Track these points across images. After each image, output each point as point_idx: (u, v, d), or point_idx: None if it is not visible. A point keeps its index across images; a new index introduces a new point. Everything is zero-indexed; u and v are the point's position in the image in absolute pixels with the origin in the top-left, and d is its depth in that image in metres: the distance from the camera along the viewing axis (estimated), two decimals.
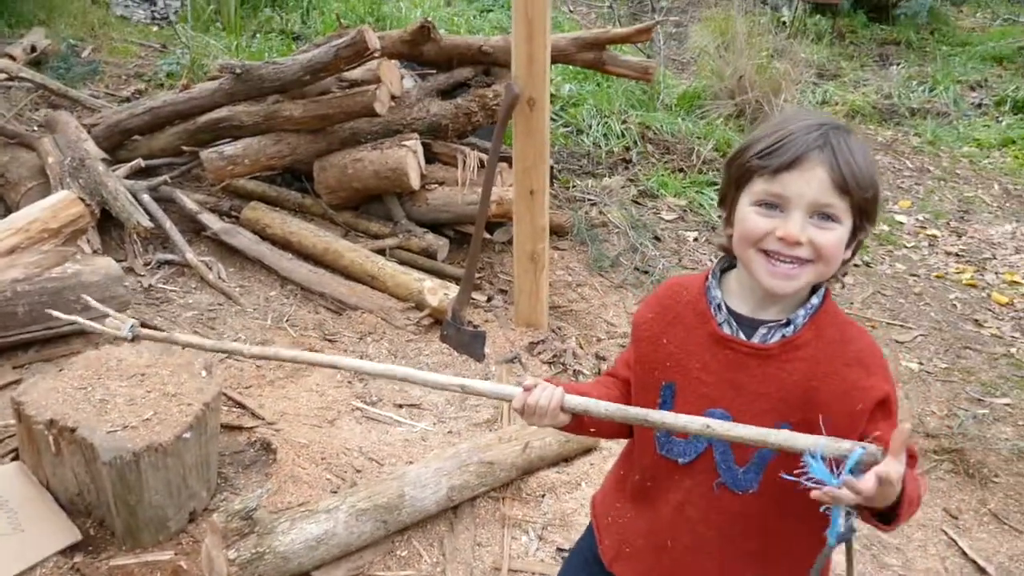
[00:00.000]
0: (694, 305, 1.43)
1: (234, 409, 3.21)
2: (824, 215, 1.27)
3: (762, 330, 1.36)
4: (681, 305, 1.45)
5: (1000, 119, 7.99)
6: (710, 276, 1.44)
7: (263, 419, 3.16)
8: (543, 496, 2.94)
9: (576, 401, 1.41)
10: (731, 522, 1.40)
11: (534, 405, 1.39)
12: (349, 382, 3.50)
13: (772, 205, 1.30)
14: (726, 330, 1.38)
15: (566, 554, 2.62)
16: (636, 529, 1.54)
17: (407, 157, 4.17)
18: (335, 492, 2.84)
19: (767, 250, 1.30)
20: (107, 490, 2.43)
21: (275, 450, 2.98)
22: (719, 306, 1.40)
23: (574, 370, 3.77)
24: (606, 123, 6.37)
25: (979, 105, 8.38)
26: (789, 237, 1.27)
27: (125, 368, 2.71)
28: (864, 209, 1.29)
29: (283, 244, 4.24)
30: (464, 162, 4.36)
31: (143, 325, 3.60)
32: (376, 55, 3.98)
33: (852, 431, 1.31)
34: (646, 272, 4.76)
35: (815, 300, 1.36)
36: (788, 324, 1.35)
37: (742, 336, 1.37)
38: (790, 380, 1.33)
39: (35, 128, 4.76)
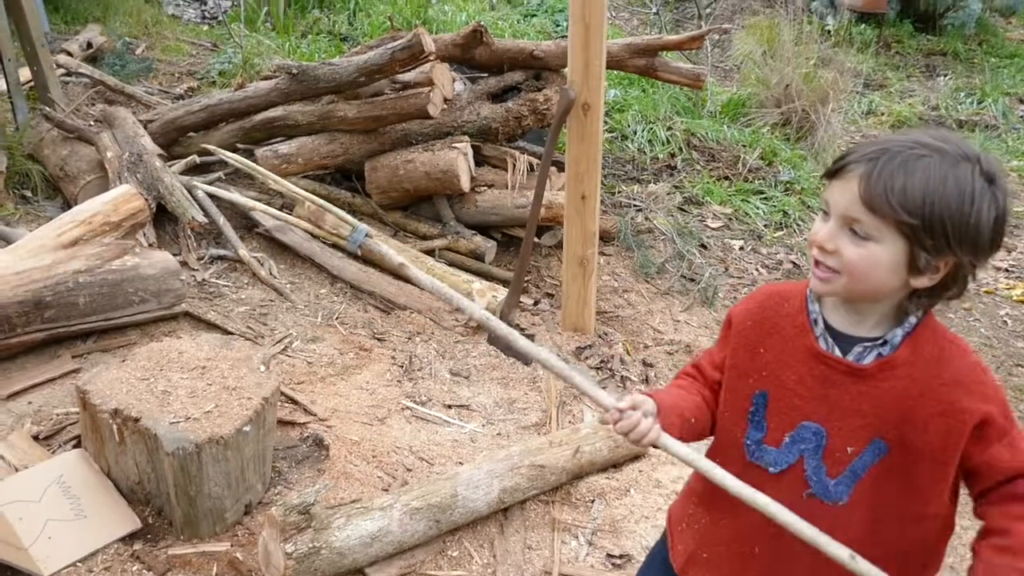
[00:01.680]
0: (794, 317, 1.43)
1: (287, 404, 3.24)
2: (855, 230, 1.27)
3: (858, 348, 1.36)
4: (781, 316, 1.45)
5: None
6: (809, 289, 1.44)
7: (315, 415, 3.19)
8: (592, 501, 2.94)
9: (670, 445, 1.41)
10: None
11: (625, 431, 1.40)
12: (399, 381, 3.52)
13: (825, 211, 1.32)
14: (822, 345, 1.38)
15: (616, 560, 2.62)
16: (716, 536, 1.53)
17: (458, 159, 4.19)
18: (386, 490, 2.86)
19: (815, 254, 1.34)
20: (168, 480, 2.47)
21: (328, 446, 3.01)
22: (816, 320, 1.40)
23: (621, 376, 3.77)
24: (651, 129, 6.35)
25: None
26: (814, 241, 1.31)
27: (186, 361, 2.75)
28: (918, 236, 1.23)
29: (333, 243, 4.28)
30: (514, 165, 4.38)
31: (193, 317, 3.68)
32: (431, 58, 4.01)
33: (951, 452, 1.31)
34: (692, 280, 4.74)
35: (912, 319, 1.34)
36: (884, 343, 1.34)
37: (838, 353, 1.37)
38: (886, 399, 1.33)
39: (92, 123, 4.85)
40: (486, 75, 4.66)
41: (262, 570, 2.43)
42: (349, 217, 2.33)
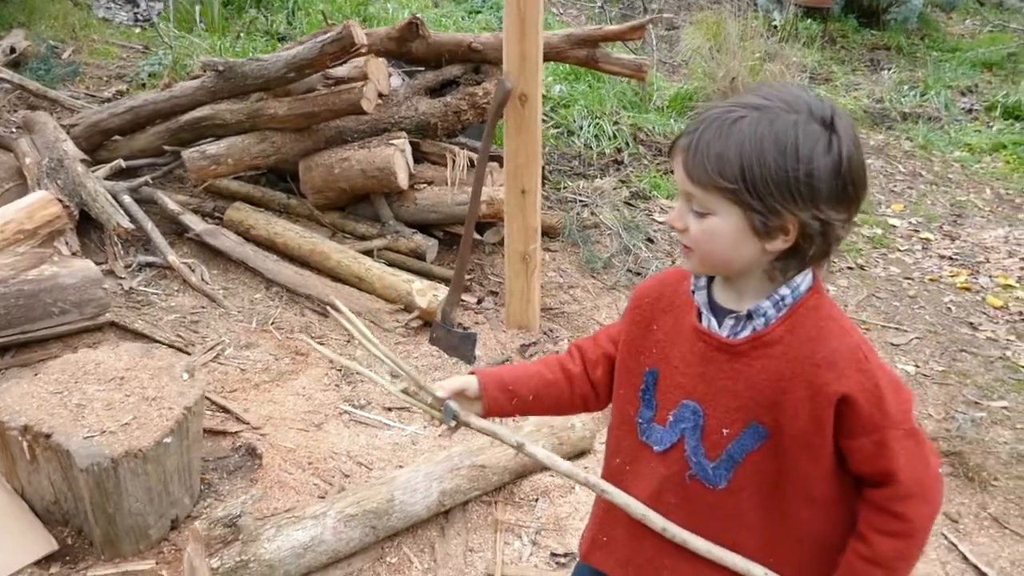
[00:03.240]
0: (687, 295, 1.39)
1: (218, 414, 3.11)
2: (694, 207, 1.24)
3: (729, 321, 1.32)
4: (677, 294, 1.42)
5: (991, 124, 7.98)
6: None
7: (248, 424, 3.06)
8: (536, 500, 2.86)
9: (476, 423, 1.44)
10: (706, 514, 1.36)
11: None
12: (336, 385, 3.41)
13: None
14: (703, 323, 1.35)
15: (561, 559, 2.54)
16: (613, 518, 1.49)
17: (395, 156, 4.08)
18: (323, 497, 2.75)
19: None
20: (84, 498, 2.33)
21: (260, 455, 2.89)
22: (701, 297, 1.36)
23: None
24: (597, 124, 6.29)
25: (970, 110, 8.36)
26: (669, 223, 1.37)
27: (103, 372, 2.61)
28: (744, 200, 1.18)
29: (268, 245, 4.15)
30: (453, 161, 4.28)
31: (119, 327, 3.52)
32: (363, 51, 3.90)
33: (821, 441, 1.27)
34: (639, 274, 4.69)
35: (785, 290, 1.28)
36: (751, 317, 1.29)
37: (715, 328, 1.34)
38: (759, 379, 1.28)
39: (13, 130, 4.65)
40: (424, 69, 4.56)
41: None
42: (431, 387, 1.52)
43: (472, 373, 1.52)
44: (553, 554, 2.61)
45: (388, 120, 4.32)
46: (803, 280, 1.29)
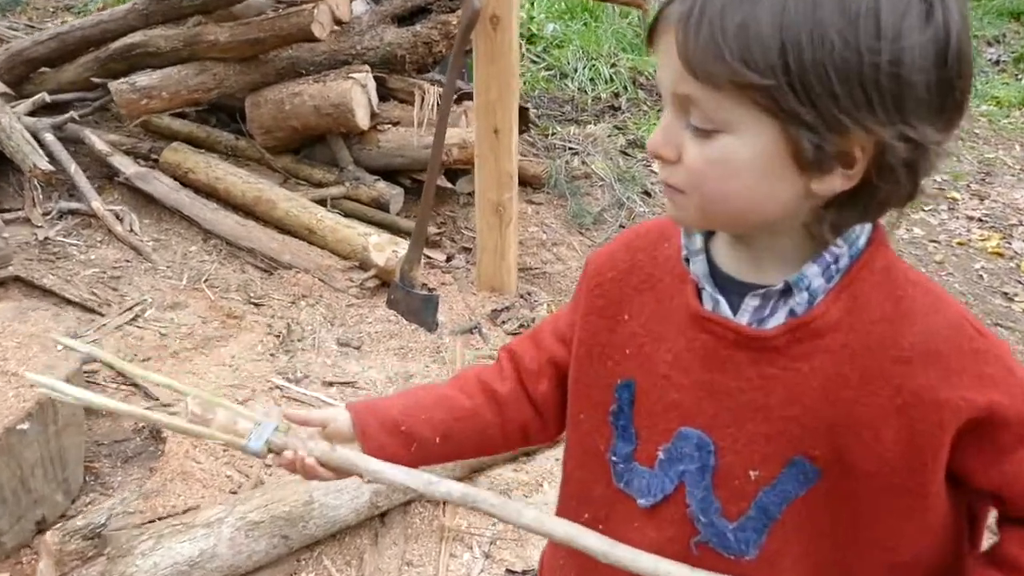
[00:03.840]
0: (675, 263, 0.91)
1: (124, 387, 2.64)
2: (694, 121, 0.75)
3: (752, 301, 0.84)
4: (658, 262, 0.93)
5: (1019, 77, 7.41)
6: None
7: (157, 400, 2.58)
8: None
9: (343, 458, 0.94)
10: None
11: (289, 469, 0.96)
12: (272, 354, 2.92)
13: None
14: (706, 304, 0.86)
15: None
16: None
17: (352, 91, 3.55)
18: (235, 493, 2.28)
19: None
20: None
21: (165, 439, 2.41)
22: (699, 264, 0.87)
23: None
24: (593, 66, 5.74)
25: (997, 62, 7.78)
26: (650, 149, 0.80)
27: None
28: (786, 103, 0.70)
29: (209, 192, 3.64)
30: (422, 99, 3.75)
31: (25, 283, 3.03)
32: None
33: (921, 480, 0.80)
34: None
35: (837, 250, 0.80)
36: (789, 291, 0.81)
37: (726, 311, 0.85)
38: (806, 388, 0.81)
39: None
40: None
41: None
42: (238, 408, 1.00)
43: (348, 407, 1.03)
44: (509, 571, 2.14)
45: (348, 51, 3.78)
46: (862, 231, 0.81)
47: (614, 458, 0.93)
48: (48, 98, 3.80)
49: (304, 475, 0.96)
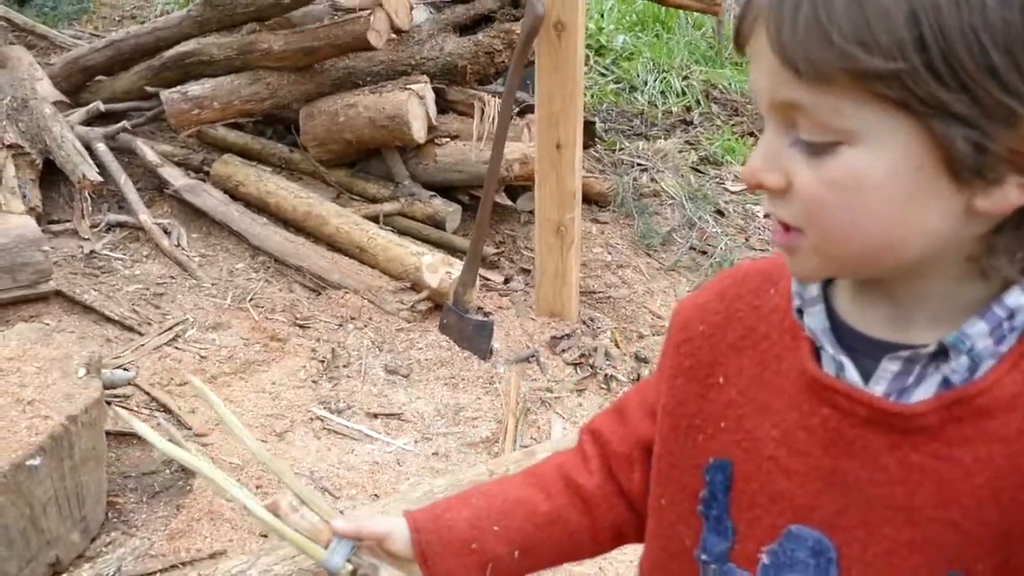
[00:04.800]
0: (784, 315, 0.71)
1: (157, 413, 2.48)
2: (802, 135, 0.57)
3: (890, 364, 0.63)
4: (762, 313, 0.74)
5: None
6: None
7: (190, 429, 2.43)
8: None
9: None
10: None
11: None
12: (314, 381, 2.74)
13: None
14: (827, 367, 0.67)
15: None
16: None
17: (409, 102, 3.37)
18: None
19: None
20: None
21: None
22: (817, 318, 0.67)
23: (606, 375, 2.95)
24: (664, 79, 5.50)
25: None
26: (746, 176, 0.61)
27: None
28: (927, 90, 0.51)
29: (259, 206, 3.50)
30: (483, 112, 3.55)
31: (66, 298, 2.92)
32: None
33: None
34: (704, 252, 3.90)
35: (1015, 303, 0.59)
36: (941, 355, 0.60)
37: (855, 379, 0.64)
38: (969, 483, 0.61)
39: None
40: (453, 2, 3.83)
41: None
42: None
43: (407, 518, 0.86)
44: None
45: (407, 61, 3.61)
46: None
47: (704, 556, 0.74)
48: (102, 107, 3.73)
49: None
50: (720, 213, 4.27)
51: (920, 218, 0.56)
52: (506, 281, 3.44)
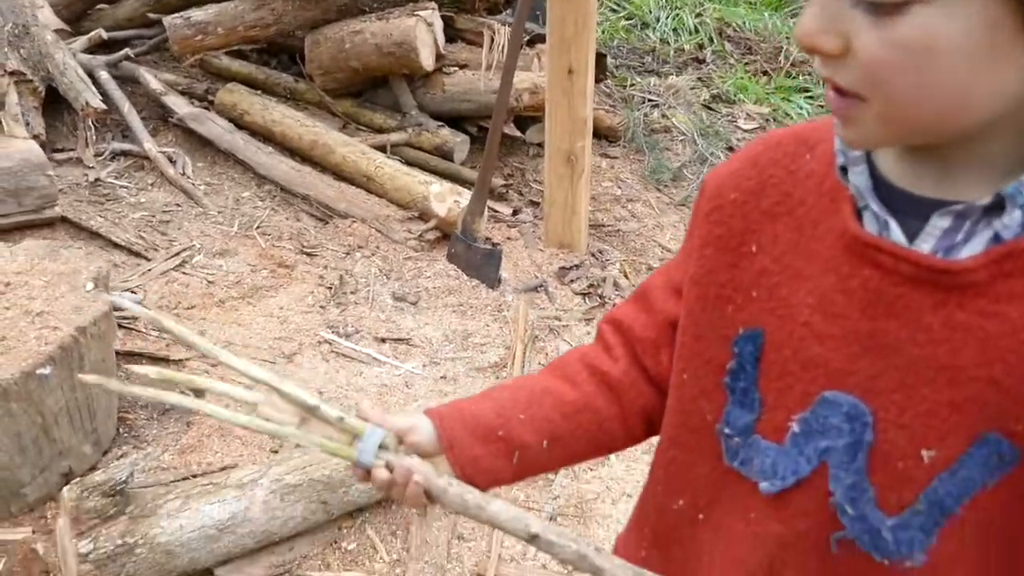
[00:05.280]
0: (822, 179, 0.69)
1: (165, 336, 2.47)
2: None
3: (940, 220, 0.61)
4: (799, 178, 0.70)
5: None
6: None
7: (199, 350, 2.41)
8: (555, 474, 2.15)
9: (449, 492, 0.76)
10: None
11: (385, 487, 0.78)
12: (322, 307, 2.73)
13: None
14: (868, 227, 0.64)
15: None
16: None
17: (417, 28, 3.31)
18: (275, 452, 2.10)
19: None
20: None
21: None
22: (861, 176, 0.64)
23: (614, 304, 2.94)
24: (677, 16, 5.40)
25: None
26: (801, 41, 0.57)
27: None
28: None
29: (265, 135, 3.46)
30: (492, 40, 3.49)
31: (72, 224, 2.91)
32: None
33: None
34: None
35: None
36: (994, 209, 0.58)
37: (899, 238, 0.62)
38: (1015, 339, 0.59)
39: None
40: None
41: (61, 571, 1.70)
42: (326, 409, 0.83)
43: (428, 413, 0.83)
44: None
45: None
46: None
47: (727, 430, 0.73)
48: (104, 35, 3.67)
49: (404, 500, 0.78)
50: (731, 150, 4.22)
51: (994, 80, 0.53)
52: (514, 213, 3.41)
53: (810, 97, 4.89)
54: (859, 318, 0.64)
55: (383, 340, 2.62)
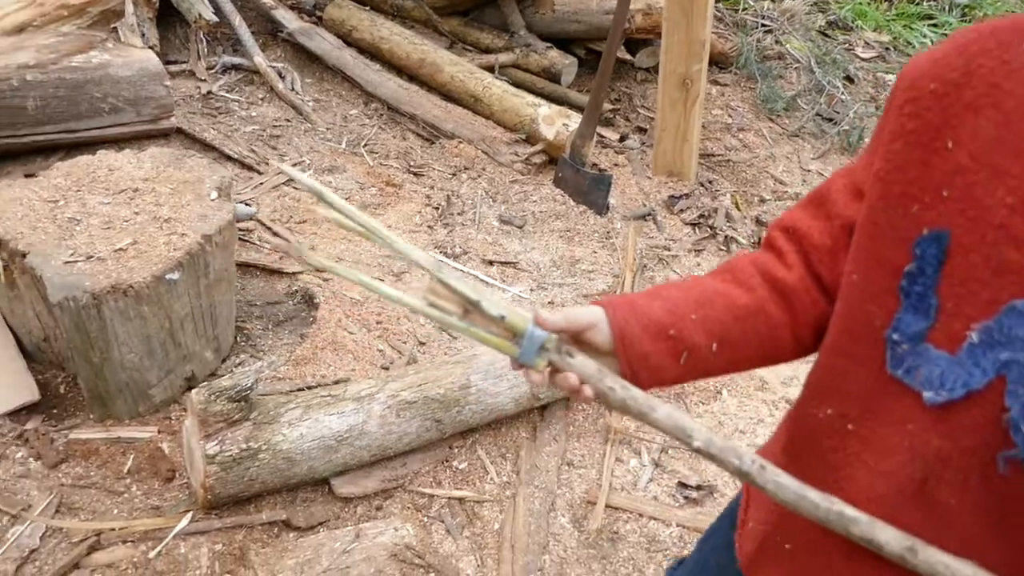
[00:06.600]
0: None
1: (275, 251, 2.51)
2: None
3: None
4: (1013, 68, 0.64)
5: None
6: None
7: (311, 265, 2.44)
8: (671, 400, 2.12)
9: (615, 394, 0.75)
10: None
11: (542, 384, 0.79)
12: (430, 227, 2.72)
13: None
14: None
15: (691, 493, 1.81)
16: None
17: None
18: (386, 368, 2.12)
19: None
20: (63, 341, 1.78)
21: (318, 305, 2.27)
22: None
23: (726, 236, 2.85)
24: None
25: None
26: None
27: (115, 180, 2.02)
28: None
29: (372, 52, 3.42)
30: None
31: (187, 135, 2.94)
32: None
33: None
34: (831, 120, 3.68)
35: None
36: None
37: None
38: None
39: None
40: None
41: (187, 470, 1.76)
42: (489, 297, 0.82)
43: (603, 304, 0.82)
44: (682, 484, 1.89)
45: None
46: None
47: (895, 336, 0.69)
48: None
49: (574, 397, 0.79)
50: (849, 79, 4.00)
51: None
52: (622, 139, 3.32)
53: (934, 25, 4.58)
54: None
55: (490, 263, 2.60)
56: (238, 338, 2.16)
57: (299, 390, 1.92)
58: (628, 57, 3.57)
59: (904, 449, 0.69)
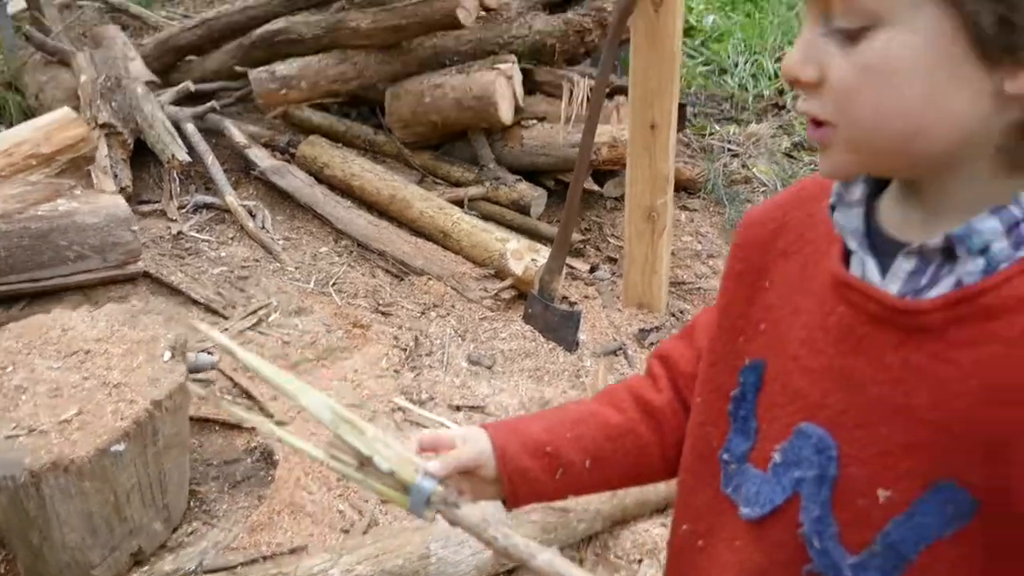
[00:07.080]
0: (830, 222, 0.71)
1: (239, 400, 2.45)
2: (837, 24, 0.58)
3: (904, 263, 0.62)
4: (815, 220, 0.73)
5: None
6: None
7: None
8: (640, 560, 2.04)
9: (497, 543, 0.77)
10: None
11: None
12: (396, 370, 2.68)
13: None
14: (854, 268, 0.66)
15: None
16: None
17: (496, 83, 3.27)
18: (346, 532, 2.04)
19: None
20: (1, 520, 1.70)
21: (276, 463, 2.20)
22: (849, 218, 0.66)
23: None
24: (756, 61, 5.25)
25: None
26: (785, 71, 0.62)
27: (68, 341, 1.99)
28: None
29: (344, 189, 3.46)
30: (571, 92, 3.43)
31: (153, 279, 2.92)
32: None
33: None
34: None
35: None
36: (950, 251, 0.59)
37: (873, 278, 0.64)
38: (964, 386, 0.59)
39: (84, 48, 4.16)
40: None
41: None
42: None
43: (484, 426, 0.87)
44: None
45: (495, 40, 3.50)
46: None
47: (726, 456, 0.75)
48: (192, 87, 3.74)
49: None
50: None
51: (950, 102, 0.55)
52: (592, 270, 3.32)
53: None
54: (833, 354, 0.65)
55: (457, 408, 2.55)
56: (192, 503, 2.08)
57: (252, 561, 1.84)
58: (596, 188, 3.61)
59: (734, 565, 0.73)
